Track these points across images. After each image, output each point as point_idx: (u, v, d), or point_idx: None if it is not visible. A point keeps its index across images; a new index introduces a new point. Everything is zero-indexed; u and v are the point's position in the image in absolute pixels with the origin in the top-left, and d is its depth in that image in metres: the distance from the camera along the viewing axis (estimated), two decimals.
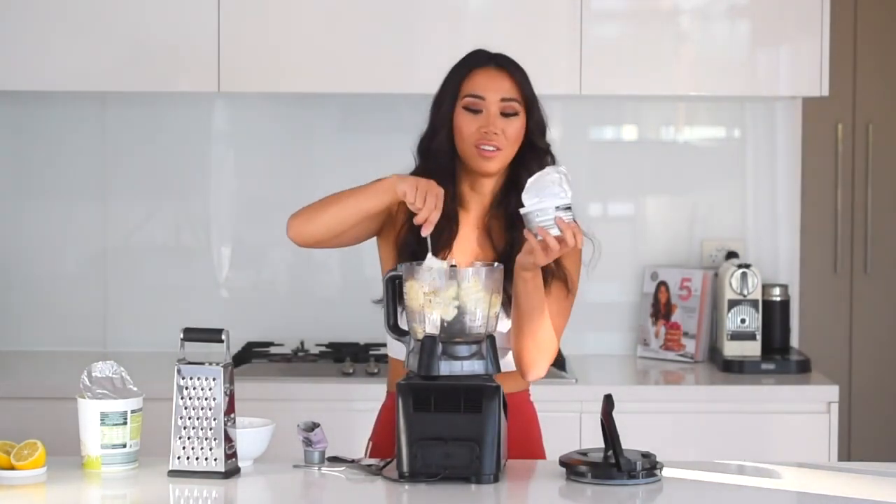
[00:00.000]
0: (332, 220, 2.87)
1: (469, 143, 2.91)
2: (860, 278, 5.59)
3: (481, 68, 2.95)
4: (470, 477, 2.62)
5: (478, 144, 2.90)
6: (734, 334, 4.19)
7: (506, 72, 2.95)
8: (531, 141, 2.95)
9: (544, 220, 2.71)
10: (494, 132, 2.89)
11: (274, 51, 4.07)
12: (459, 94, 2.93)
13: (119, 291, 4.45)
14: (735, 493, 2.67)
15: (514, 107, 2.92)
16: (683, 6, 4.15)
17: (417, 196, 2.79)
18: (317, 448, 2.78)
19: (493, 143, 2.89)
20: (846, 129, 5.57)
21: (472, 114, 2.91)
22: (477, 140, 2.90)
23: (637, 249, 4.47)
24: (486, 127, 2.89)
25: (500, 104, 2.91)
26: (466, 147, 2.92)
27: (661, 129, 4.52)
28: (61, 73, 4.08)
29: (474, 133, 2.90)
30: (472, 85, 2.93)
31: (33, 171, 4.43)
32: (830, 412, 3.91)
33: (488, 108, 2.91)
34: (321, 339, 4.31)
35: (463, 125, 2.91)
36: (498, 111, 2.91)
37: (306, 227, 2.89)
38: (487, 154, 2.90)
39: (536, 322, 2.83)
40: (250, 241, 4.48)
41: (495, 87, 2.92)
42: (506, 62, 2.97)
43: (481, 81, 2.93)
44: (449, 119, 2.93)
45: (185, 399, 2.70)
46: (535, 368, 2.89)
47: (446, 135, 2.94)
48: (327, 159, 4.44)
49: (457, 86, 2.94)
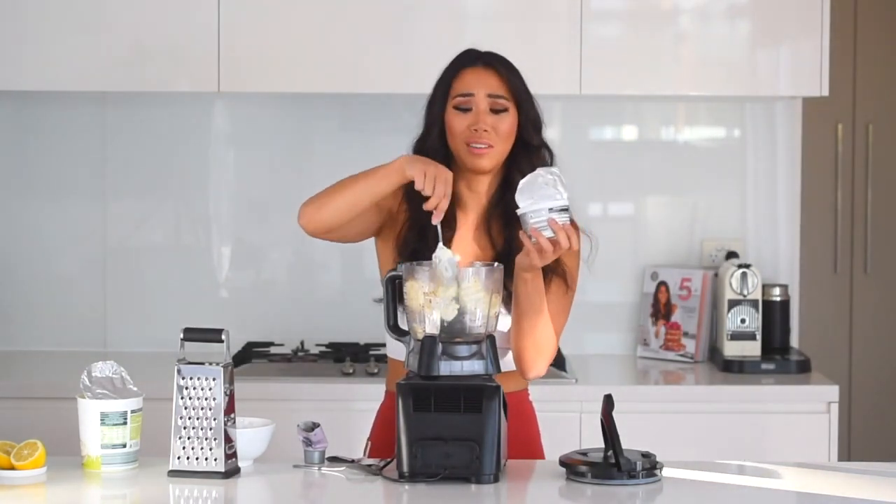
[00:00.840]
0: (344, 205, 2.87)
1: (460, 142, 2.92)
2: (860, 278, 5.59)
3: (470, 67, 2.97)
4: (470, 477, 2.62)
5: (468, 142, 2.91)
6: (734, 334, 4.19)
7: (493, 69, 2.96)
8: (524, 138, 2.96)
9: (538, 222, 2.72)
10: (484, 129, 2.91)
11: (274, 51, 4.07)
12: (450, 93, 2.95)
13: (119, 291, 4.45)
14: (735, 493, 2.67)
15: (503, 103, 2.93)
16: (683, 6, 4.15)
17: (427, 182, 2.80)
18: (317, 448, 2.78)
19: (483, 140, 2.90)
20: (846, 129, 5.57)
21: (463, 112, 2.93)
22: (467, 138, 2.91)
23: (637, 249, 4.47)
24: (475, 124, 2.91)
25: (489, 100, 2.93)
26: (458, 145, 2.93)
27: (661, 129, 4.52)
28: (61, 73, 4.08)
29: (465, 131, 2.92)
30: (461, 84, 2.95)
31: (33, 171, 4.43)
32: (830, 412, 3.91)
33: (477, 105, 2.92)
34: (321, 339, 4.31)
35: (454, 123, 2.93)
36: (487, 108, 2.92)
37: (319, 214, 2.89)
38: (478, 151, 2.91)
39: (536, 322, 2.84)
40: (250, 241, 4.48)
41: (483, 84, 2.94)
42: (493, 59, 2.98)
43: (469, 80, 2.95)
44: (441, 119, 2.95)
45: (185, 399, 2.70)
46: (535, 367, 2.89)
47: (439, 135, 2.96)
48: (327, 159, 4.44)
49: (447, 86, 2.96)
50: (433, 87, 3.00)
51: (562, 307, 2.94)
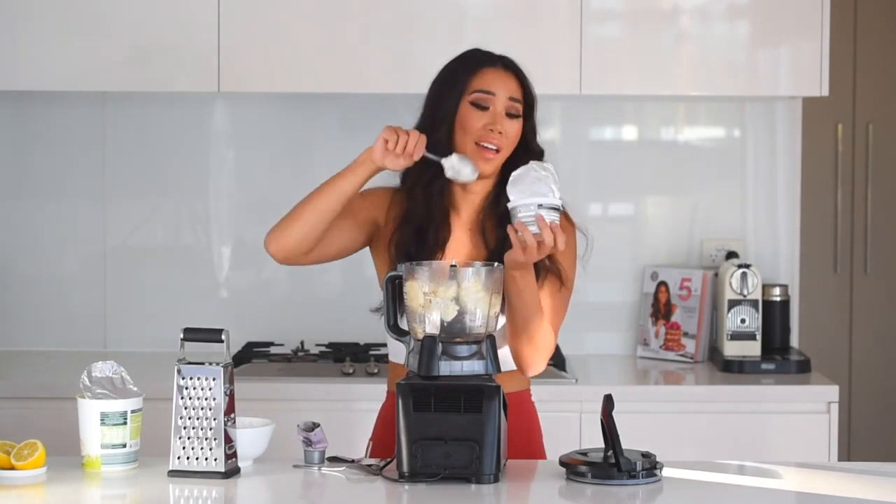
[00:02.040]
0: (313, 218, 2.87)
1: (471, 139, 2.91)
2: (860, 278, 5.59)
3: (491, 67, 2.96)
4: (470, 477, 2.62)
5: (480, 141, 2.91)
6: (734, 334, 4.19)
7: (514, 73, 2.97)
8: (526, 144, 2.96)
9: (526, 216, 2.72)
10: (500, 130, 2.90)
11: (274, 51, 4.07)
12: (467, 89, 2.93)
13: (119, 291, 4.45)
14: (735, 493, 2.67)
15: (519, 108, 2.94)
16: (683, 6, 4.15)
17: (399, 140, 2.81)
18: (317, 448, 2.78)
19: (494, 141, 2.90)
20: (846, 129, 5.57)
21: (480, 110, 2.92)
22: (480, 136, 2.91)
23: (637, 249, 4.47)
24: (492, 124, 2.90)
25: (507, 103, 2.93)
26: (467, 143, 2.92)
27: (661, 129, 4.52)
28: (61, 73, 4.08)
29: (480, 129, 2.91)
30: (482, 81, 2.94)
31: (33, 171, 4.43)
32: (830, 412, 3.91)
33: (496, 106, 2.92)
34: (321, 339, 4.31)
35: (469, 119, 2.92)
36: (503, 111, 2.92)
37: (287, 235, 2.89)
38: (487, 154, 2.90)
39: (530, 320, 2.83)
40: (250, 241, 4.47)
41: (505, 86, 2.94)
42: (513, 64, 2.99)
43: (491, 78, 2.94)
44: (452, 114, 2.94)
45: (185, 399, 2.70)
46: (533, 365, 2.89)
47: (447, 130, 2.94)
48: (327, 159, 4.42)
49: (465, 82, 2.94)
50: (440, 82, 2.98)
51: (558, 304, 2.94)
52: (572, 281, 2.97)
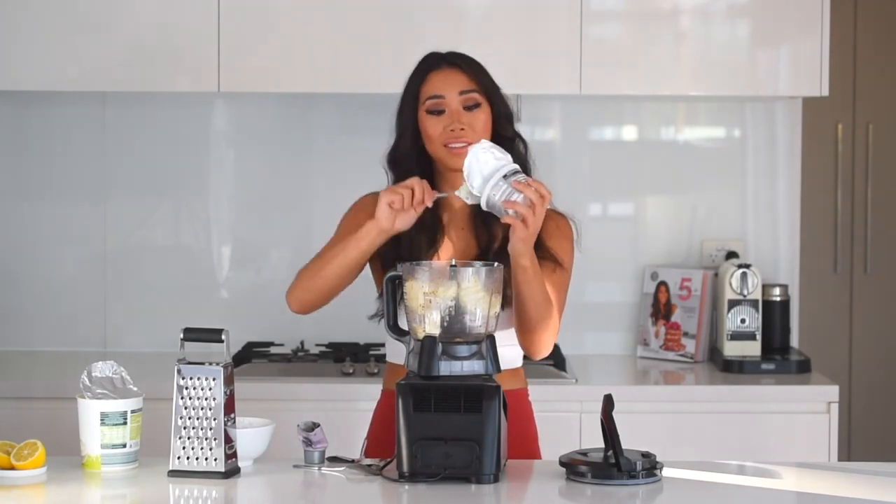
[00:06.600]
0: (333, 276, 2.93)
1: (438, 145, 2.94)
2: (860, 278, 5.60)
3: (435, 70, 2.99)
4: (470, 477, 2.62)
5: (446, 143, 2.93)
6: (734, 334, 4.19)
7: (458, 67, 2.98)
8: (498, 131, 2.96)
9: (504, 193, 2.71)
10: (461, 128, 2.92)
11: (274, 51, 4.07)
12: (420, 99, 2.97)
13: (119, 291, 4.45)
14: (735, 493, 2.67)
15: (475, 98, 2.95)
16: (683, 6, 4.15)
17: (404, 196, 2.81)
18: (317, 448, 2.78)
19: (461, 138, 2.91)
20: (846, 129, 5.57)
21: (436, 115, 2.95)
22: (445, 139, 2.93)
23: (637, 249, 4.47)
24: (451, 125, 2.92)
25: (460, 98, 2.94)
26: (437, 149, 2.94)
27: (661, 129, 4.52)
28: (61, 73, 4.08)
29: (442, 133, 2.93)
30: (429, 87, 2.97)
31: (33, 171, 4.43)
32: (830, 412, 3.91)
33: (450, 106, 2.94)
34: (321, 339, 4.31)
35: (429, 128, 2.94)
36: (460, 106, 2.94)
37: (310, 294, 2.96)
38: (457, 151, 2.91)
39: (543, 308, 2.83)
40: (250, 241, 4.48)
41: (451, 84, 2.96)
42: (457, 58, 3.01)
43: (438, 82, 2.97)
44: (412, 125, 2.97)
45: (185, 399, 2.70)
46: (543, 351, 2.93)
47: (411, 140, 2.96)
48: (327, 159, 4.44)
49: (415, 92, 2.98)
50: (401, 95, 3.01)
51: (558, 285, 2.95)
52: (570, 264, 2.98)
